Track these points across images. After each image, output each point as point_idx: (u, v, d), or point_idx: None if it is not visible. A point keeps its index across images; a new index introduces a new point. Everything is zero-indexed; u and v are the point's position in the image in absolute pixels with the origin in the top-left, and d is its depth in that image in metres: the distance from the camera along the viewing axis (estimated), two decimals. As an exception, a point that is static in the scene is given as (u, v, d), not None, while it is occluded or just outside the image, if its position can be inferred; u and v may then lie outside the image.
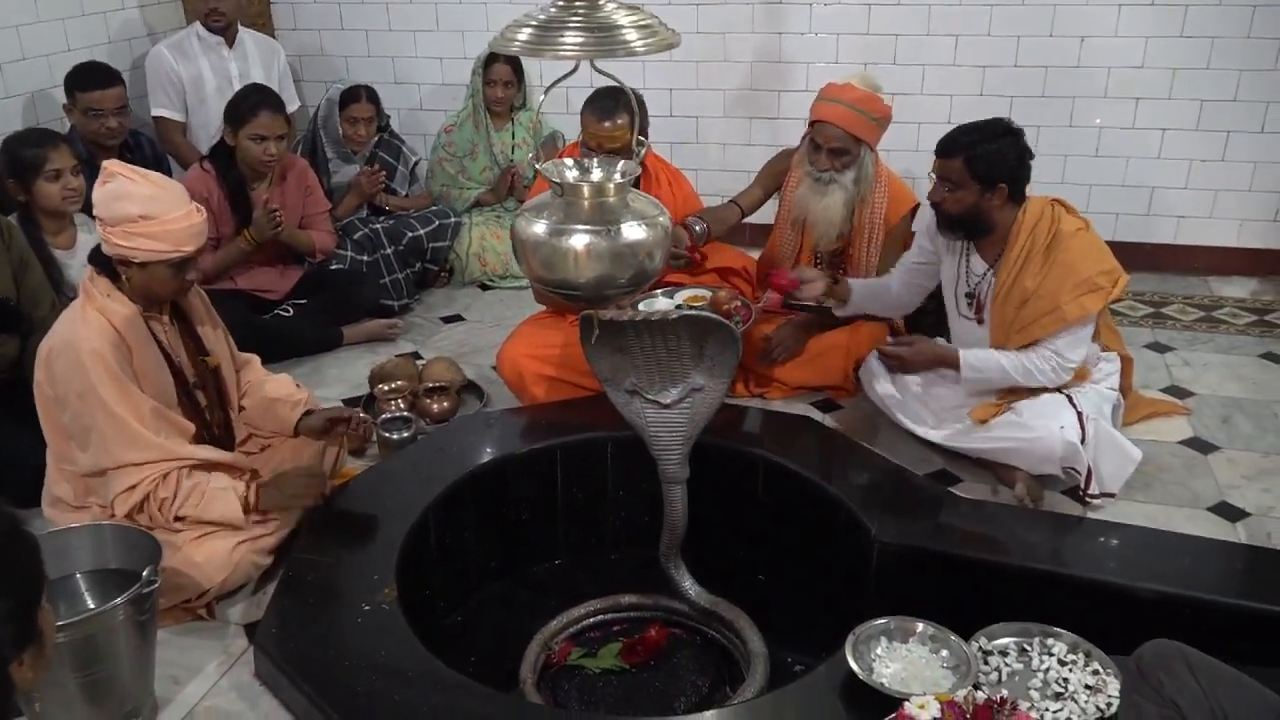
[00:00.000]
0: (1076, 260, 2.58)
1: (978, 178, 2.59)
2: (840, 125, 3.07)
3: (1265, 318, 3.78)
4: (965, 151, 2.59)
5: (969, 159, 2.58)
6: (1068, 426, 2.52)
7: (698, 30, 4.38)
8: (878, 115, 3.12)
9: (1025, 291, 2.61)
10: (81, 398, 2.22)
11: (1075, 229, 2.63)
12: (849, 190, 3.14)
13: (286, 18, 4.88)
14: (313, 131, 4.21)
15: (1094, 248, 2.64)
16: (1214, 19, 3.89)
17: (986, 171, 2.58)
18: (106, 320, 2.27)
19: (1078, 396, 2.63)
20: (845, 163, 3.12)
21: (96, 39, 4.19)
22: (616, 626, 2.50)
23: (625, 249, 1.72)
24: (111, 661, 1.93)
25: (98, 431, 2.24)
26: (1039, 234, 2.61)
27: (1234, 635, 2.04)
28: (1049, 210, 2.65)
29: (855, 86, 3.10)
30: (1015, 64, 4.13)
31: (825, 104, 3.12)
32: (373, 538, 2.41)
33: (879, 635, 2.03)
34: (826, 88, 3.16)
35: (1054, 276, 2.58)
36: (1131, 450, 2.59)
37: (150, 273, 2.26)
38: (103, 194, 2.22)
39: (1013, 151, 2.61)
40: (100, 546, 2.12)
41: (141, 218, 2.19)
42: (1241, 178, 4.08)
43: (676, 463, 2.35)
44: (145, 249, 2.21)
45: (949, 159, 2.62)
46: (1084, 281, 2.57)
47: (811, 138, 3.17)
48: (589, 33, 1.60)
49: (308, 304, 3.71)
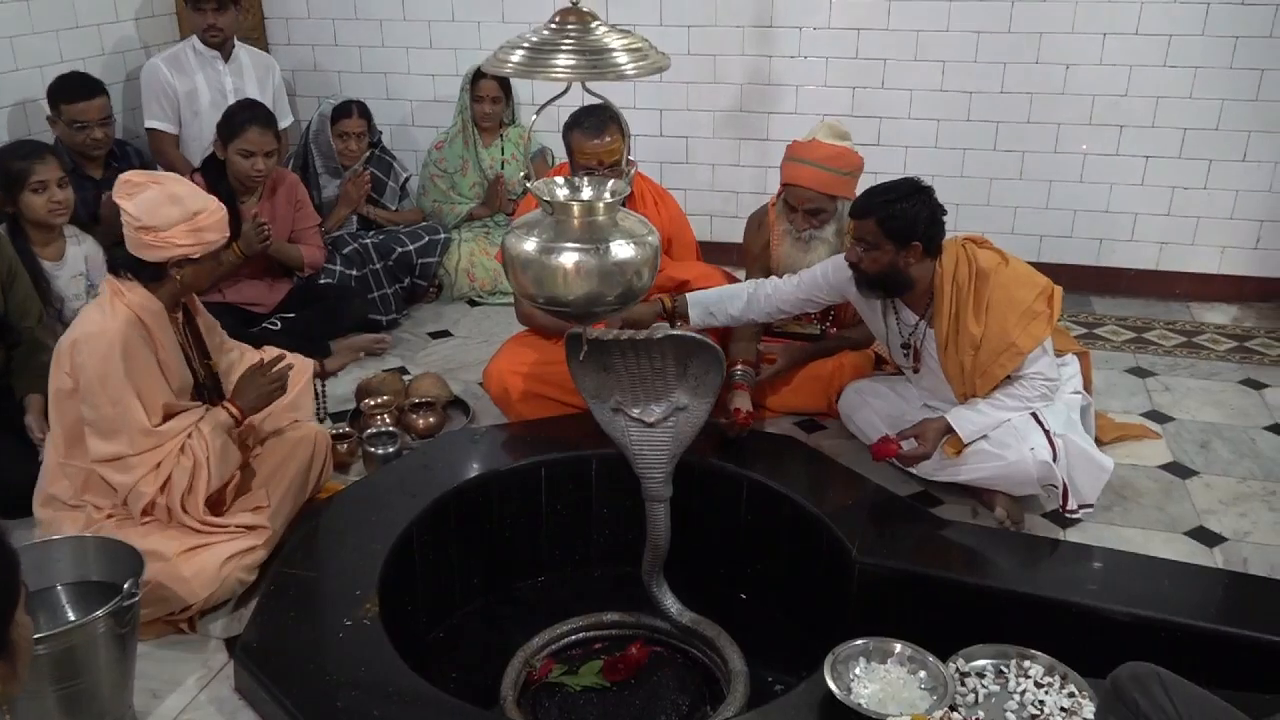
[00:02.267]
0: (1010, 293, 2.59)
1: (892, 237, 2.58)
2: (812, 187, 3.01)
3: (1245, 344, 3.82)
4: (878, 212, 2.57)
5: (882, 219, 2.57)
6: (1038, 448, 2.54)
7: (688, 52, 4.42)
8: (849, 169, 3.05)
9: (974, 337, 2.61)
10: (105, 385, 2.27)
11: (994, 264, 2.64)
12: (831, 243, 3.08)
13: (281, 33, 4.90)
14: (304, 146, 4.23)
15: (1018, 275, 2.65)
16: (1197, 49, 3.95)
17: (900, 230, 2.57)
18: (134, 313, 2.33)
19: (1044, 414, 2.64)
20: (822, 220, 3.07)
21: (90, 51, 4.20)
22: (598, 644, 2.51)
23: (614, 267, 1.74)
24: (91, 674, 1.92)
25: (123, 419, 2.28)
26: (960, 279, 2.62)
27: (1209, 659, 2.06)
28: (962, 253, 2.65)
29: (821, 143, 3.03)
30: (1001, 90, 4.17)
31: (794, 165, 3.05)
32: (356, 553, 2.41)
33: (858, 655, 2.04)
34: (793, 147, 3.09)
35: (995, 315, 2.59)
36: (1103, 460, 2.62)
37: (201, 265, 2.37)
38: (144, 204, 2.27)
39: (925, 209, 2.59)
40: (82, 558, 2.12)
41: (196, 214, 2.30)
42: (1223, 205, 4.13)
43: (660, 481, 2.36)
44: (204, 242, 2.32)
45: (863, 220, 2.60)
46: (1025, 312, 2.59)
47: (785, 199, 3.11)
48: (581, 55, 1.62)
49: (296, 318, 3.71)
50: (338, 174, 4.21)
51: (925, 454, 2.65)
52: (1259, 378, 3.53)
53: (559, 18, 1.66)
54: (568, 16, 1.66)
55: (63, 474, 2.41)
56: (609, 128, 3.01)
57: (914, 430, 2.67)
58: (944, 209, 2.66)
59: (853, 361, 3.23)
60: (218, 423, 2.43)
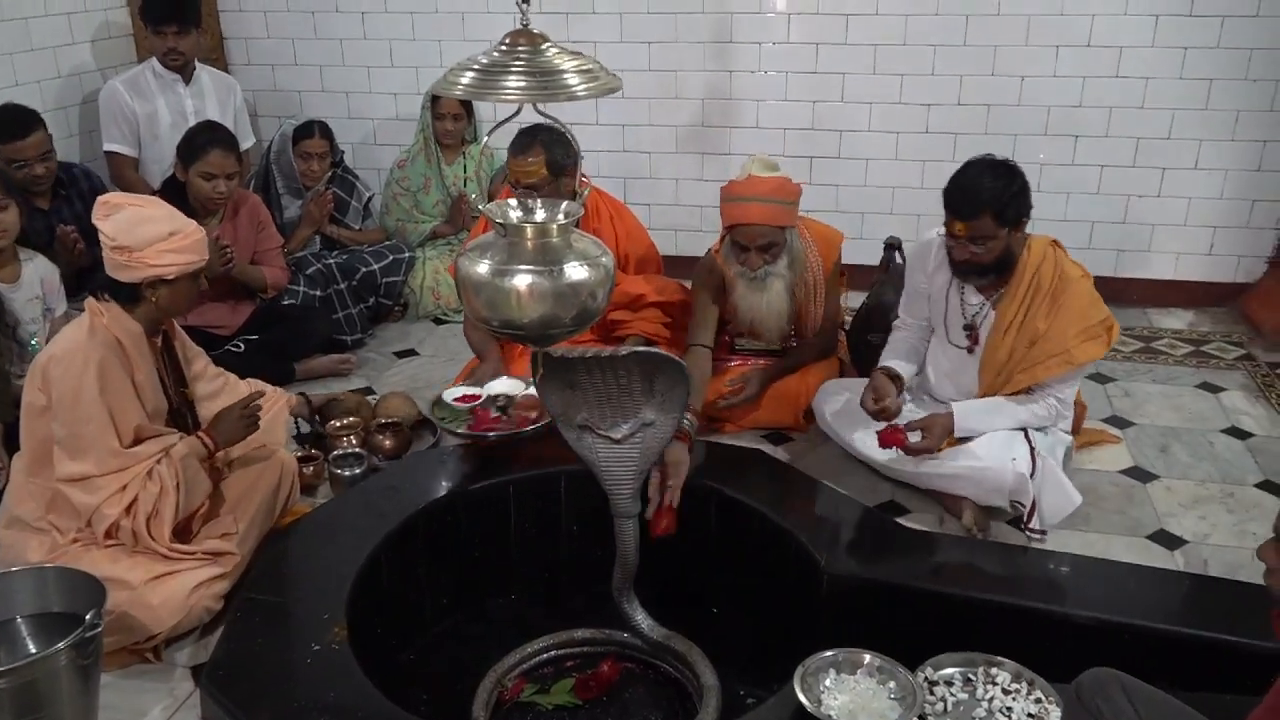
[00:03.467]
0: (1085, 307, 2.62)
1: (1007, 223, 2.57)
2: (762, 222, 2.98)
3: (1201, 348, 3.89)
4: (993, 205, 2.54)
5: (997, 211, 2.54)
6: (1019, 459, 2.57)
7: (649, 68, 4.45)
8: (793, 199, 3.03)
9: (1036, 332, 2.63)
10: (77, 403, 2.25)
11: (1079, 275, 2.67)
12: (786, 276, 3.07)
13: (240, 53, 4.88)
14: (265, 167, 4.20)
15: (1095, 296, 2.69)
16: (1148, 60, 4.03)
17: (1015, 214, 2.58)
18: (112, 334, 2.32)
19: (1033, 433, 2.67)
20: (774, 254, 3.04)
21: (45, 74, 4.16)
22: (570, 662, 2.50)
23: (568, 289, 1.74)
24: (54, 707, 1.90)
25: (93, 438, 2.26)
26: (1044, 275, 2.64)
27: (1173, 661, 2.09)
28: (1051, 253, 2.68)
29: (760, 178, 3.00)
30: (958, 102, 4.24)
31: (739, 205, 3.00)
32: (323, 576, 2.39)
33: (828, 667, 2.05)
34: (732, 187, 3.03)
35: (1063, 320, 2.61)
36: (1073, 494, 2.63)
37: (177, 287, 2.36)
38: (118, 224, 2.28)
39: (1025, 185, 2.60)
40: (43, 589, 2.09)
41: (171, 234, 2.30)
42: (1177, 212, 4.21)
43: (628, 497, 2.36)
44: (179, 263, 2.32)
45: (976, 218, 2.55)
46: (1090, 328, 2.62)
47: (735, 241, 3.06)
48: (531, 77, 1.63)
49: (260, 339, 3.68)
50: (300, 194, 4.19)
51: (929, 448, 2.68)
52: (1215, 381, 3.59)
53: (509, 39, 1.67)
54: (518, 38, 1.66)
55: (28, 494, 2.38)
56: (532, 149, 3.05)
57: (921, 423, 2.70)
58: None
59: (818, 375, 3.25)
60: (190, 450, 2.42)
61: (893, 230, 3.97)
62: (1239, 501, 2.83)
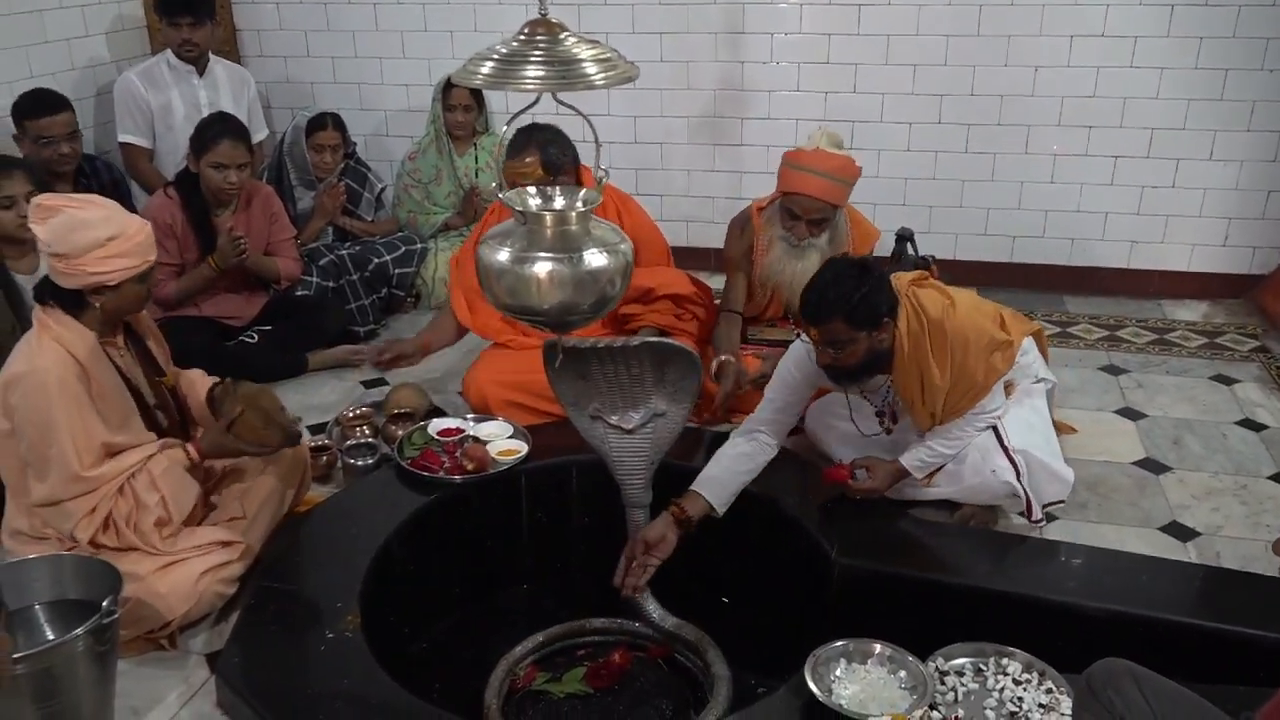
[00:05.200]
0: (966, 335, 2.49)
1: (863, 326, 2.41)
2: (821, 198, 3.04)
3: (1215, 340, 3.87)
4: (841, 310, 2.39)
5: (847, 315, 2.39)
6: (1000, 468, 2.54)
7: (661, 59, 4.44)
8: (853, 180, 3.11)
9: (940, 389, 2.52)
10: (39, 428, 2.20)
11: (942, 308, 2.52)
12: (824, 250, 3.11)
13: (253, 45, 4.89)
14: (278, 158, 4.22)
15: (969, 313, 2.54)
16: (1163, 50, 4.00)
17: (869, 316, 2.41)
18: (65, 350, 2.25)
19: (1005, 428, 2.59)
20: (823, 229, 3.13)
21: (60, 66, 4.18)
22: (581, 651, 2.52)
23: (587, 276, 1.74)
24: (71, 693, 1.91)
25: (55, 461, 2.22)
26: (914, 332, 2.49)
27: (1185, 653, 2.09)
28: (909, 306, 2.51)
29: (827, 153, 3.04)
30: (971, 93, 4.22)
31: (802, 175, 3.04)
32: (336, 565, 2.41)
33: (838, 657, 2.06)
34: (798, 156, 3.07)
35: (957, 360, 2.49)
36: (1064, 472, 2.61)
37: (123, 292, 2.28)
38: (54, 229, 2.18)
39: (876, 282, 2.44)
40: (59, 577, 2.11)
41: (109, 239, 2.20)
42: (1192, 204, 4.19)
43: (640, 487, 2.38)
44: (120, 268, 2.23)
45: (827, 323, 2.41)
46: (984, 346, 2.50)
47: (787, 207, 3.11)
48: (549, 66, 1.62)
49: (273, 330, 3.70)
50: (312, 186, 4.20)
51: (874, 489, 2.57)
52: (1229, 373, 3.58)
53: (528, 29, 1.66)
54: (536, 27, 1.66)
55: (19, 511, 2.34)
56: (527, 150, 3.04)
57: (865, 462, 2.60)
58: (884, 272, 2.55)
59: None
60: (173, 462, 2.35)
61: (905, 221, 3.97)
62: (1252, 494, 2.82)
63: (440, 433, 2.87)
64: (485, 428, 2.91)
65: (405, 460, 2.75)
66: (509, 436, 2.88)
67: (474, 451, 2.73)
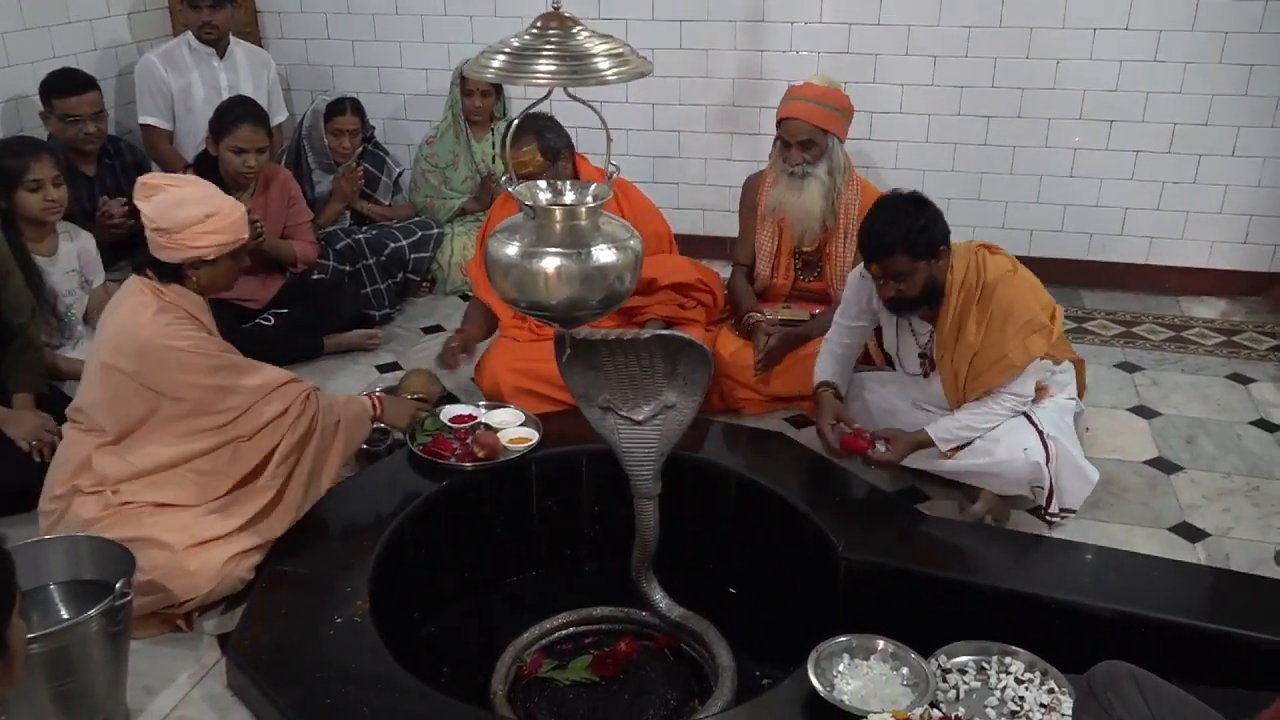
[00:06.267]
0: (1012, 306, 2.58)
1: (922, 256, 2.56)
2: (804, 119, 3.21)
3: (1233, 338, 3.85)
4: (902, 243, 2.53)
5: (908, 248, 2.53)
6: (1031, 448, 2.56)
7: (680, 47, 4.43)
8: (838, 105, 3.27)
9: (970, 346, 2.61)
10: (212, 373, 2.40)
11: (1002, 273, 2.62)
12: (825, 181, 3.25)
13: (274, 27, 4.90)
14: (297, 142, 4.24)
15: (1024, 288, 2.63)
16: (1187, 45, 3.96)
17: (928, 246, 2.56)
18: (184, 309, 2.42)
19: (1037, 415, 2.65)
20: (815, 154, 3.24)
21: (82, 47, 4.21)
22: (588, 639, 2.53)
23: (595, 271, 1.76)
24: (84, 672, 1.95)
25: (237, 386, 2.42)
26: (969, 286, 2.61)
27: (1190, 655, 2.09)
28: (974, 260, 2.63)
29: (813, 84, 3.29)
30: (992, 85, 4.19)
31: (787, 103, 3.29)
32: (347, 549, 2.44)
33: (841, 652, 2.07)
34: (788, 90, 3.34)
35: (994, 326, 2.58)
36: (1089, 471, 2.62)
37: (218, 267, 2.43)
38: (158, 205, 2.33)
39: (933, 214, 2.58)
40: (75, 558, 2.15)
41: (208, 216, 2.35)
42: (1213, 200, 4.15)
43: (649, 478, 2.39)
44: (216, 243, 2.38)
45: (890, 258, 2.55)
46: (1024, 325, 2.57)
47: (780, 137, 3.31)
48: (561, 60, 1.63)
49: (289, 313, 3.73)
50: (331, 170, 4.22)
51: (892, 460, 2.66)
52: (1246, 372, 3.55)
53: (541, 22, 1.68)
54: (549, 21, 1.67)
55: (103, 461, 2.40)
56: (525, 138, 3.05)
57: (886, 434, 2.69)
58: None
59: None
60: (361, 406, 2.66)
61: (922, 214, 3.96)
62: (1264, 495, 2.81)
63: (452, 419, 2.89)
64: (497, 415, 2.93)
65: (417, 446, 2.77)
66: (521, 424, 2.89)
67: (485, 439, 2.75)
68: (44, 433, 2.77)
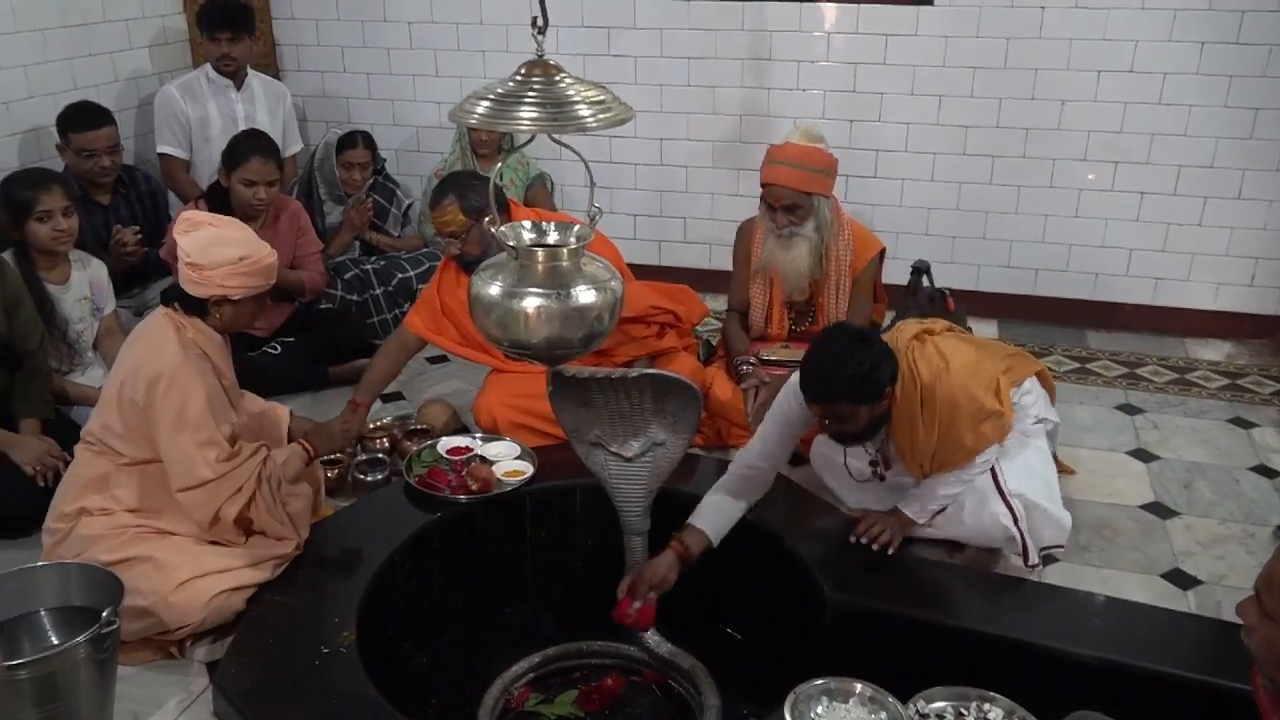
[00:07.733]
0: (955, 402, 2.51)
1: (865, 400, 2.46)
2: (785, 185, 3.19)
3: (1237, 381, 3.83)
4: (844, 393, 2.42)
5: (851, 395, 2.43)
6: (998, 513, 2.55)
7: (688, 83, 4.48)
8: (820, 166, 3.22)
9: (928, 445, 2.55)
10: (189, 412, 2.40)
11: (936, 372, 2.54)
12: (812, 239, 3.26)
13: (292, 60, 5.00)
14: (308, 173, 4.31)
15: (960, 380, 2.55)
16: (1192, 88, 3.97)
17: (872, 392, 2.46)
18: (199, 347, 2.47)
19: (1003, 474, 2.61)
20: (801, 216, 3.24)
21: (103, 79, 4.30)
22: (577, 673, 2.54)
23: (575, 312, 1.78)
24: (71, 698, 1.98)
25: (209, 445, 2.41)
26: (909, 392, 2.53)
27: (1174, 705, 2.08)
28: (904, 363, 2.55)
29: (794, 144, 3.25)
30: (997, 125, 4.21)
31: (768, 167, 3.26)
32: (338, 579, 2.46)
33: (819, 695, 2.07)
34: (769, 150, 3.29)
35: (944, 424, 2.52)
36: (1061, 517, 2.61)
37: (241, 307, 2.49)
38: (196, 242, 2.40)
39: (877, 356, 2.46)
40: (65, 584, 2.18)
41: (241, 259, 2.41)
42: (1218, 242, 4.14)
43: (638, 514, 2.41)
44: (245, 285, 2.44)
45: (831, 404, 2.45)
46: (973, 414, 2.52)
47: (764, 200, 3.30)
48: (542, 108, 1.67)
49: (295, 342, 3.78)
50: (341, 201, 4.29)
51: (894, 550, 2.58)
52: (1248, 417, 3.53)
53: (525, 69, 1.71)
54: (534, 69, 1.71)
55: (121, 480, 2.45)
56: (445, 198, 3.06)
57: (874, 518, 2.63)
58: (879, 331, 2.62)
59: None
60: (292, 455, 2.60)
61: (926, 252, 3.98)
62: (1259, 543, 2.79)
63: (449, 451, 2.92)
64: (493, 448, 2.96)
65: (413, 477, 2.80)
66: (516, 457, 2.92)
67: (479, 471, 2.78)
68: (49, 458, 2.82)
